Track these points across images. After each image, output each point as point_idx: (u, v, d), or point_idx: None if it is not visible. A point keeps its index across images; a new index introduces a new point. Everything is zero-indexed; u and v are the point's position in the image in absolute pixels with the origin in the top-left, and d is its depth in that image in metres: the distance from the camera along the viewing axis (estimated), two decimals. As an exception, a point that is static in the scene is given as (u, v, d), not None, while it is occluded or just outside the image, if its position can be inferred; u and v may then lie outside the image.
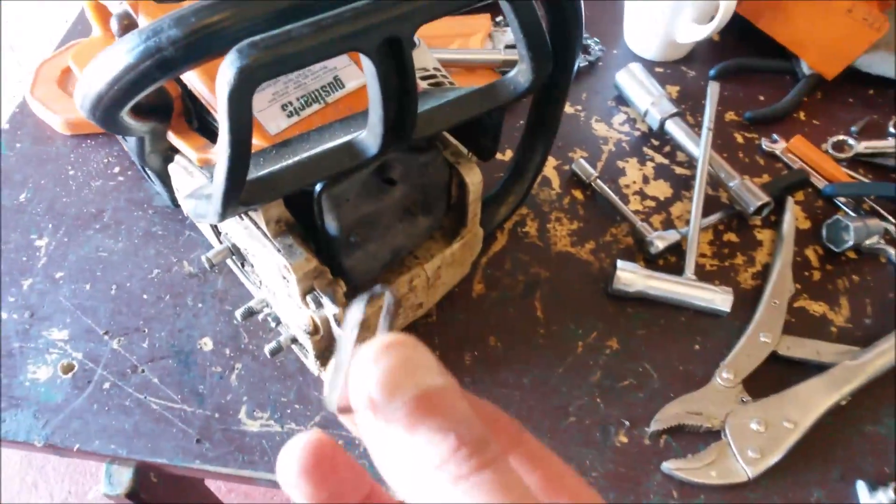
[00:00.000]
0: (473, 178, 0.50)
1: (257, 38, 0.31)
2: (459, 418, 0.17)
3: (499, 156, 0.70)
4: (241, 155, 0.32)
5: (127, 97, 0.39)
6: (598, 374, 0.57)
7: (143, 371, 0.56)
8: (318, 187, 0.43)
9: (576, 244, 0.64)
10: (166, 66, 0.35)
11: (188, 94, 0.47)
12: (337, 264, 0.47)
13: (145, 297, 0.60)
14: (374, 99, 0.36)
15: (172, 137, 0.47)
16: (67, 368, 0.56)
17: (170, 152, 0.51)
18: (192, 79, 0.44)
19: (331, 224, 0.45)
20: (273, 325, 0.52)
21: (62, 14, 1.93)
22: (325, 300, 0.45)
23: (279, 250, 0.44)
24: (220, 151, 0.32)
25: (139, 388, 0.55)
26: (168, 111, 0.47)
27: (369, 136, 0.39)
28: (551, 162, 0.70)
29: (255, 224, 0.45)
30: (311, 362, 0.52)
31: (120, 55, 0.37)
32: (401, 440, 0.16)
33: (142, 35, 0.37)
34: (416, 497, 0.16)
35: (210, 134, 0.48)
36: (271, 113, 0.43)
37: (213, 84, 0.46)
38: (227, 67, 0.31)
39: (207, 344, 0.58)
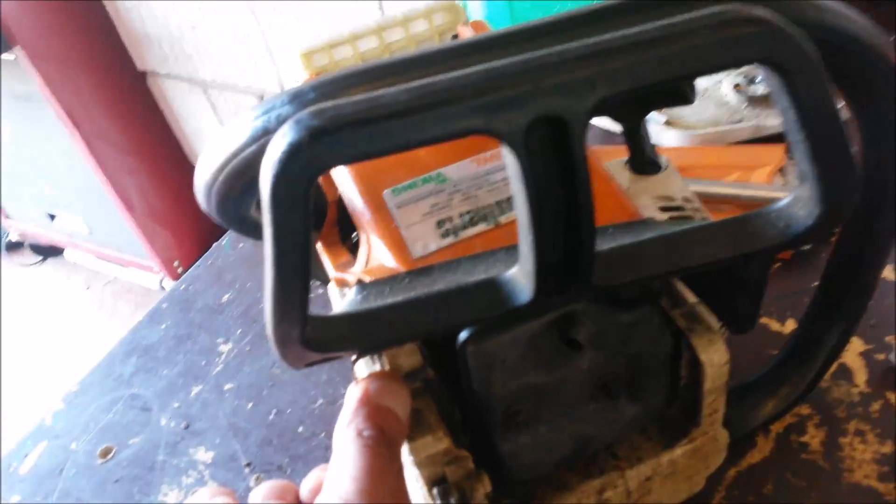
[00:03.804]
0: (713, 356, 0.33)
1: (328, 103, 0.20)
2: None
3: (774, 325, 0.51)
4: (286, 275, 0.21)
5: (237, 187, 0.30)
6: None
7: (269, 523, 0.46)
8: (462, 335, 0.31)
9: (887, 478, 0.42)
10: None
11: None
12: (488, 448, 0.33)
13: (300, 430, 0.51)
14: (522, 216, 0.23)
15: (320, 248, 0.39)
16: (197, 498, 0.48)
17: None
18: (343, 180, 0.35)
19: (480, 391, 0.31)
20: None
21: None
22: (453, 502, 0.31)
23: (403, 416, 0.31)
24: (265, 266, 0.21)
25: (257, 545, 0.45)
26: (321, 217, 0.38)
27: (520, 275, 0.26)
28: (856, 346, 0.48)
29: (384, 373, 0.33)
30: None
31: (230, 134, 0.29)
32: None
33: (257, 110, 0.29)
34: None
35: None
36: (423, 230, 0.32)
37: (365, 188, 0.37)
38: (277, 141, 0.20)
39: (346, 507, 0.46)
